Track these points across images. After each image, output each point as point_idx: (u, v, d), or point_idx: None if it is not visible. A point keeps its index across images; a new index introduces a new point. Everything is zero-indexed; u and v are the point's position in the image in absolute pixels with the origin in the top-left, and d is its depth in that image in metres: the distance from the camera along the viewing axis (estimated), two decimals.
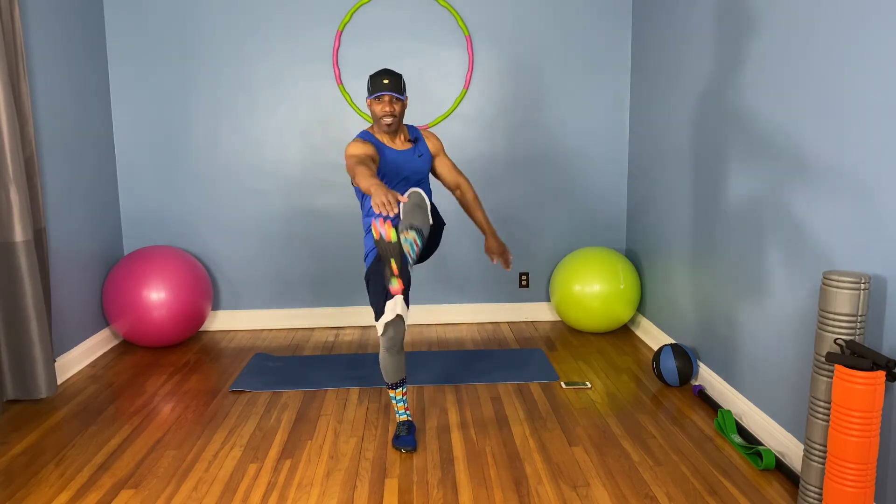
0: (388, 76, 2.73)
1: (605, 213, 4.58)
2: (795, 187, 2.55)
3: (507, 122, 4.43)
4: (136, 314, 3.87)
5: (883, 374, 1.96)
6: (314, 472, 2.63)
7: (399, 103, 2.75)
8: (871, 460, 2.02)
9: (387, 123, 2.75)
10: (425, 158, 2.88)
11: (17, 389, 3.25)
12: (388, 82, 2.71)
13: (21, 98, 3.20)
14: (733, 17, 3.02)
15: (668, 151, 3.79)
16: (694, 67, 3.43)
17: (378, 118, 2.76)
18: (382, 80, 2.72)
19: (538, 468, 2.63)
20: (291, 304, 4.53)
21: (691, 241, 3.52)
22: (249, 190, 4.40)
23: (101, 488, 2.52)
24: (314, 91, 4.34)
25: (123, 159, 4.34)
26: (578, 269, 4.14)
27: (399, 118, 2.77)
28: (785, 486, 2.49)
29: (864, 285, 2.06)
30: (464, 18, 4.33)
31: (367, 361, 3.82)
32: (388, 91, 2.71)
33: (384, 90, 2.71)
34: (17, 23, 3.16)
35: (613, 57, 4.42)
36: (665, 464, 2.65)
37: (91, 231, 3.99)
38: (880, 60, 2.10)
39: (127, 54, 4.24)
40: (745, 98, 2.92)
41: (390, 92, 2.71)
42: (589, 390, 3.39)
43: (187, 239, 4.43)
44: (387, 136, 2.82)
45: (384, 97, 2.73)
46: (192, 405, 3.27)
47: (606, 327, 4.20)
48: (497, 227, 4.53)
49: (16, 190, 3.09)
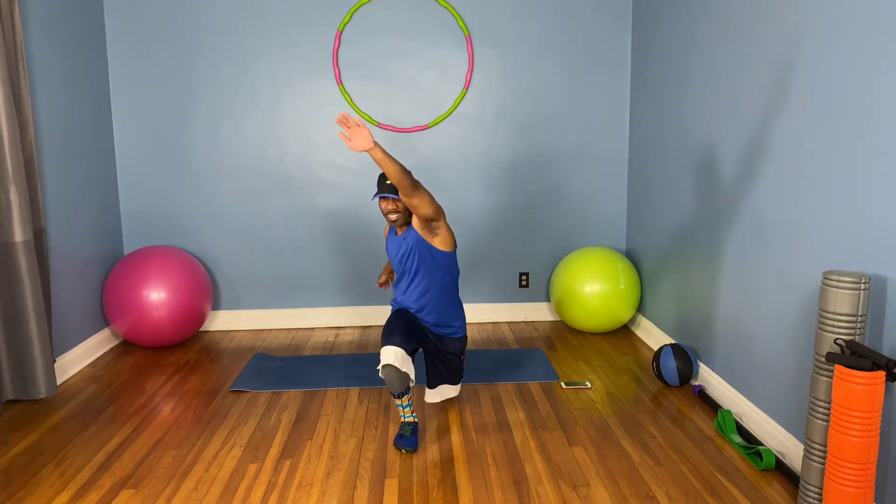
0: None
1: (605, 213, 4.58)
2: (795, 187, 2.56)
3: (507, 122, 4.43)
4: (136, 314, 3.87)
5: (883, 374, 1.96)
6: (314, 472, 2.63)
7: (402, 202, 2.89)
8: (871, 460, 2.02)
9: (392, 220, 2.93)
10: (410, 237, 2.94)
11: (16, 389, 3.25)
12: (391, 183, 2.85)
13: (21, 98, 3.20)
14: (733, 17, 3.02)
15: (668, 151, 3.79)
16: (694, 67, 3.43)
17: (384, 215, 2.96)
18: (385, 182, 2.88)
19: (538, 468, 2.63)
20: (291, 304, 4.53)
21: (691, 241, 3.52)
22: (249, 190, 4.40)
23: (101, 488, 2.52)
24: (314, 91, 4.34)
25: (123, 159, 4.34)
26: (578, 269, 4.14)
27: (403, 215, 2.92)
28: (785, 486, 2.49)
29: (864, 285, 2.06)
30: (464, 18, 4.33)
31: (367, 361, 3.82)
32: (388, 193, 2.87)
33: (386, 192, 2.88)
34: (17, 23, 3.16)
35: (613, 57, 4.42)
36: (665, 464, 2.65)
37: (91, 231, 3.99)
38: (881, 61, 2.10)
39: (127, 54, 4.24)
40: (746, 98, 2.92)
41: (392, 194, 2.86)
42: (589, 390, 3.39)
43: (187, 239, 4.43)
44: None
45: (388, 198, 2.90)
46: (192, 405, 3.27)
47: (606, 327, 4.20)
48: (497, 227, 4.54)
49: (16, 190, 3.09)
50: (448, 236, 2.95)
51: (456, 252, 3.26)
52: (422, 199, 2.73)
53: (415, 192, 2.70)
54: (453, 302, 3.06)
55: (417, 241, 2.93)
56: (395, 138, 4.41)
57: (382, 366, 2.76)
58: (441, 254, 2.95)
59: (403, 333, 2.84)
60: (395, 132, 4.40)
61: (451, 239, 2.96)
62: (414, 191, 2.69)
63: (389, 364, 2.74)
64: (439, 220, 2.87)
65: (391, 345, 2.77)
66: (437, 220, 2.86)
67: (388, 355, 2.75)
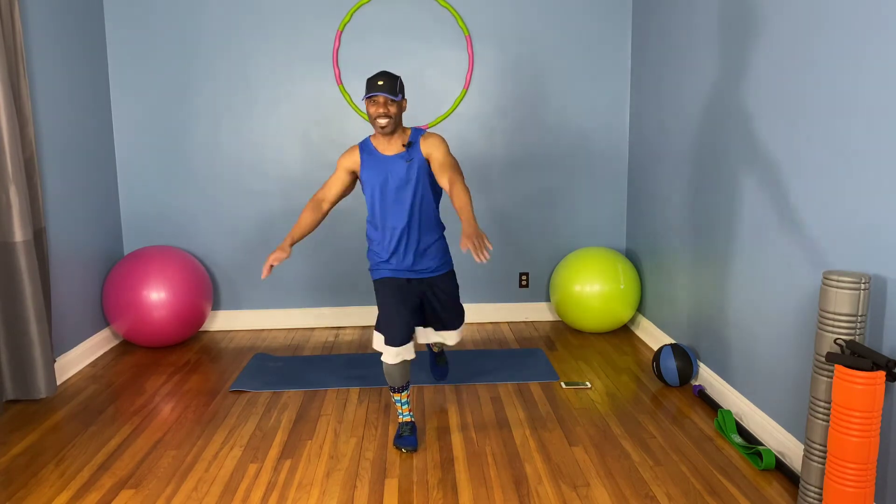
0: (383, 77, 2.69)
1: (605, 213, 4.58)
2: (795, 187, 2.55)
3: (506, 122, 4.43)
4: (136, 314, 3.87)
5: (883, 374, 1.96)
6: (314, 472, 2.63)
7: (394, 105, 2.69)
8: (871, 460, 2.02)
9: (381, 125, 2.69)
10: (415, 163, 2.74)
11: (16, 389, 3.25)
12: (383, 83, 2.67)
13: (21, 98, 3.20)
14: (734, 17, 3.02)
15: (668, 151, 3.79)
16: (694, 67, 3.43)
17: (372, 119, 2.71)
18: (377, 82, 2.67)
19: (538, 468, 2.63)
20: (291, 304, 4.53)
21: (691, 241, 3.52)
22: (249, 190, 4.40)
23: (101, 488, 2.52)
24: (314, 91, 4.34)
25: (123, 159, 4.34)
26: (578, 269, 4.14)
27: (394, 119, 2.70)
28: (785, 486, 2.49)
29: (864, 285, 2.06)
30: (464, 18, 4.33)
31: (367, 361, 3.82)
32: (381, 92, 2.65)
33: (377, 91, 2.66)
34: (17, 23, 3.16)
35: (613, 57, 4.42)
36: (665, 464, 2.65)
37: (91, 231, 3.99)
38: (881, 62, 2.10)
39: (127, 54, 4.24)
40: (746, 98, 2.91)
41: (384, 93, 2.65)
42: (589, 390, 3.39)
43: (187, 239, 4.43)
44: (383, 139, 2.78)
45: (378, 98, 2.67)
46: (192, 405, 3.27)
47: (606, 327, 4.20)
48: (497, 228, 4.54)
49: (16, 190, 3.09)
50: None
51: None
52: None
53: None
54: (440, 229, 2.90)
55: (424, 168, 2.75)
56: None
57: (385, 364, 2.77)
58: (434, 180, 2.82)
59: (400, 321, 2.73)
60: None
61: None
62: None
63: (392, 363, 2.74)
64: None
65: (393, 345, 2.74)
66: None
67: (390, 356, 2.74)
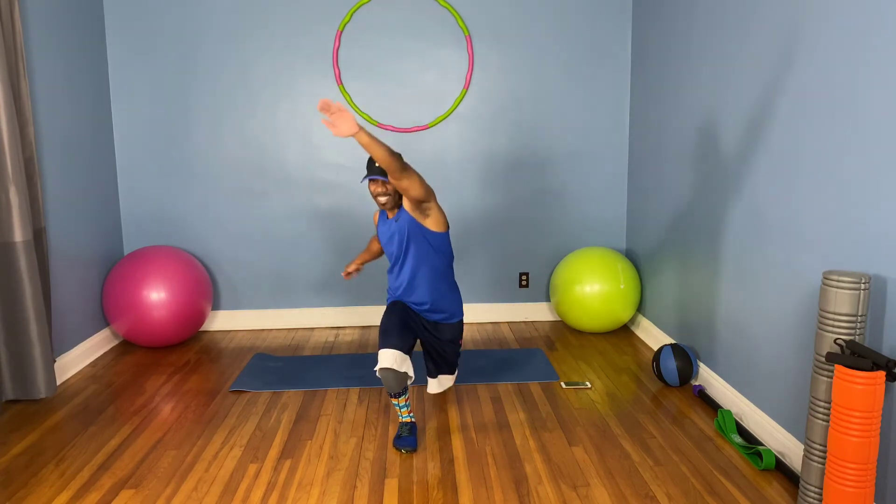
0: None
1: (605, 213, 4.58)
2: (795, 187, 2.55)
3: (506, 122, 4.43)
4: (136, 314, 3.87)
5: (883, 374, 1.96)
6: (314, 472, 2.63)
7: (391, 184, 2.85)
8: (871, 460, 2.02)
9: (381, 203, 2.90)
10: (402, 219, 2.91)
11: (16, 389, 3.25)
12: (380, 166, 2.80)
13: (21, 98, 3.20)
14: (734, 17, 3.02)
15: (668, 151, 3.79)
16: (694, 67, 3.43)
17: (374, 197, 2.92)
18: (374, 164, 2.85)
19: (538, 468, 2.63)
20: (291, 304, 4.53)
21: (691, 241, 3.52)
22: (249, 190, 4.40)
23: (101, 488, 2.52)
24: (314, 91, 4.34)
25: (123, 159, 4.34)
26: (578, 269, 4.14)
27: (393, 197, 2.88)
28: (785, 486, 2.49)
29: (864, 285, 2.06)
30: (464, 18, 4.33)
31: (367, 361, 3.82)
32: (379, 175, 2.85)
33: (376, 174, 2.85)
34: (17, 23, 3.16)
35: (613, 57, 4.42)
36: (665, 464, 2.65)
37: (91, 231, 3.99)
38: (881, 62, 2.10)
39: (127, 54, 4.24)
40: (746, 98, 2.91)
41: (382, 176, 2.84)
42: (589, 390, 3.39)
43: (187, 239, 4.43)
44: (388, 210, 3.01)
45: (377, 180, 2.86)
46: (192, 405, 3.27)
47: (606, 327, 4.20)
48: (497, 227, 4.54)
49: (16, 190, 3.09)
50: (440, 217, 2.92)
51: (448, 233, 3.21)
52: (411, 181, 2.70)
53: (404, 174, 2.66)
54: (448, 285, 3.02)
55: (410, 223, 2.90)
56: (395, 138, 4.41)
57: (380, 368, 2.77)
58: (433, 234, 2.92)
59: (399, 332, 2.83)
60: (396, 132, 4.40)
61: (443, 219, 2.93)
62: (403, 173, 2.66)
63: (387, 367, 2.75)
64: (430, 200, 2.85)
65: (388, 347, 2.77)
66: (428, 200, 2.84)
67: (385, 359, 2.75)
